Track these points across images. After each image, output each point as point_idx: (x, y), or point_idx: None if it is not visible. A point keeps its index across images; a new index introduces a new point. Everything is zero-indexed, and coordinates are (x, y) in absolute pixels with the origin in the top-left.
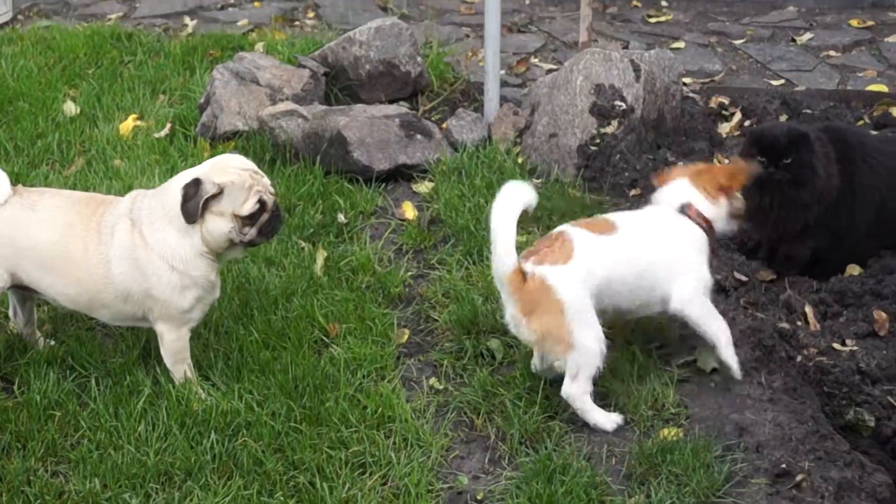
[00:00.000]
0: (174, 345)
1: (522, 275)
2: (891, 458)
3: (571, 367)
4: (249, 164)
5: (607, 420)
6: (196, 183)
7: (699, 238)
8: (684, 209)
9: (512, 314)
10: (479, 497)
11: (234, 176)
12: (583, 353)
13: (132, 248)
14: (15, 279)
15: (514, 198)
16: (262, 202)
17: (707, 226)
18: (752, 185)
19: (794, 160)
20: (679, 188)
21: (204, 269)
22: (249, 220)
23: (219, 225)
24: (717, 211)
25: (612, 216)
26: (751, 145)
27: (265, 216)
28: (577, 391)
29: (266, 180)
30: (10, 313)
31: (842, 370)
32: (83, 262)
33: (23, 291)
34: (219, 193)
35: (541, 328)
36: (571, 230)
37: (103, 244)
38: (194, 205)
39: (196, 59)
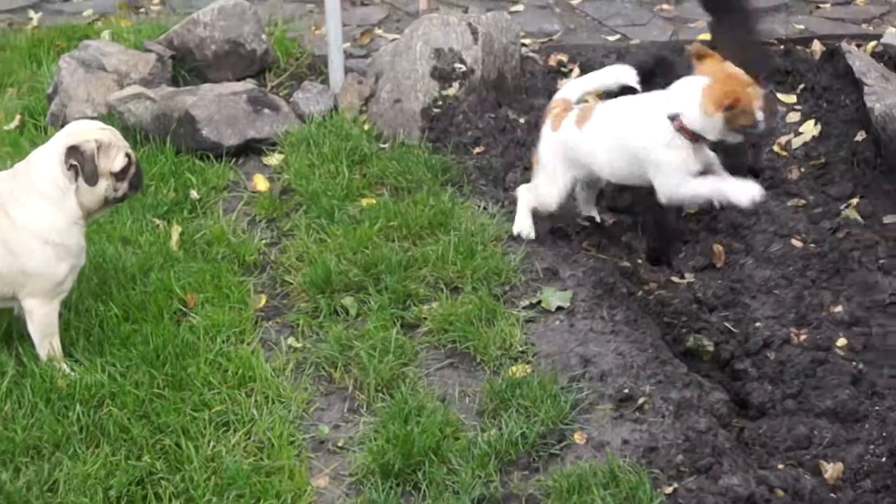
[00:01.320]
0: (45, 319)
1: None
2: (730, 378)
3: None
4: (99, 123)
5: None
6: (75, 148)
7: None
8: (672, 119)
9: None
10: (340, 444)
11: (100, 135)
12: None
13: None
14: None
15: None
16: (128, 156)
17: (692, 138)
18: None
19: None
20: (682, 94)
21: (77, 236)
22: (121, 174)
23: (100, 183)
24: (711, 125)
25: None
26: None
27: (132, 169)
28: None
29: (119, 135)
30: None
31: (681, 301)
32: None
33: None
34: (99, 150)
35: None
36: None
37: None
38: (91, 166)
39: (42, 51)
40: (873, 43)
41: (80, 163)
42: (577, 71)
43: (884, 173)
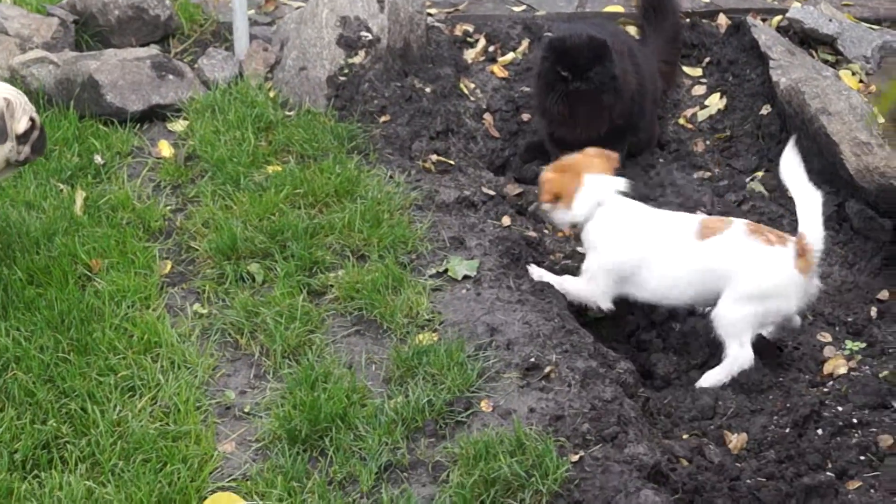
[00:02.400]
0: None
1: None
2: (635, 349)
3: None
4: (7, 86)
5: None
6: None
7: None
8: None
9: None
10: (246, 409)
11: (7, 93)
12: None
13: None
14: None
15: None
16: (32, 120)
17: None
18: (557, 97)
19: (598, 71)
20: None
21: None
22: (24, 137)
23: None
24: None
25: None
26: (554, 60)
27: (36, 133)
28: None
29: (26, 98)
30: None
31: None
32: None
33: None
34: (5, 109)
35: None
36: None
37: None
38: (1, 123)
39: None
40: (779, 17)
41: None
42: (482, 41)
43: None
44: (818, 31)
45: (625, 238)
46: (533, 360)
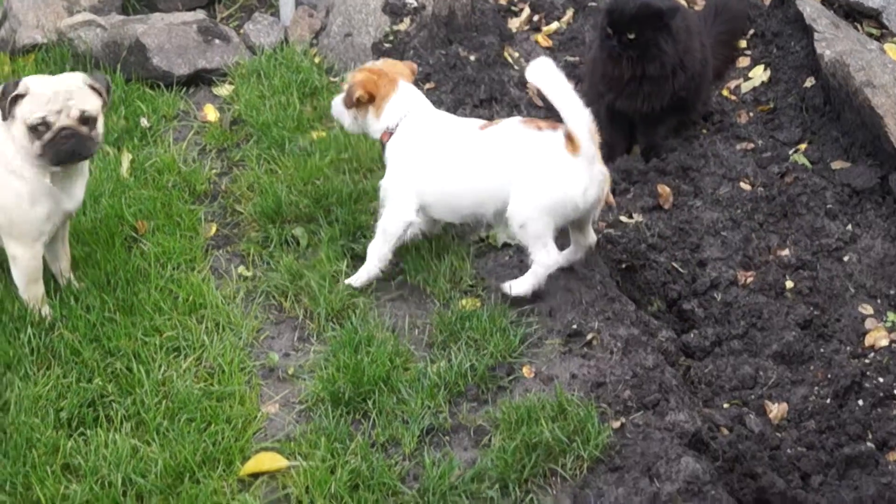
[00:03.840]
0: (29, 263)
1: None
2: (677, 318)
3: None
4: (71, 85)
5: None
6: (13, 84)
7: None
8: None
9: (602, 169)
10: (290, 371)
11: (42, 87)
12: None
13: None
14: None
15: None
16: (45, 120)
17: None
18: (607, 57)
19: (638, 36)
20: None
21: (35, 171)
22: (34, 131)
23: (18, 129)
24: None
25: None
26: (604, 17)
27: (48, 135)
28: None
29: (73, 105)
30: None
31: (629, 240)
32: None
33: None
34: (23, 96)
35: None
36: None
37: None
38: (3, 103)
39: None
40: None
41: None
42: (527, 10)
43: (832, 120)
44: (863, 5)
45: (422, 149)
46: (575, 326)
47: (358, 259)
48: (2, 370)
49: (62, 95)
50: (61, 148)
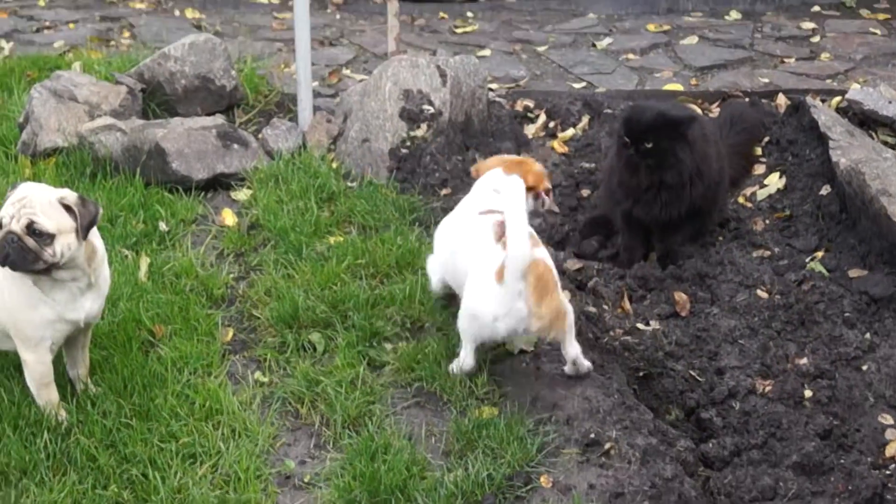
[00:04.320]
0: (35, 368)
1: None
2: (695, 427)
3: (570, 330)
4: (42, 196)
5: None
6: (11, 187)
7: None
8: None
9: (527, 305)
10: (306, 479)
11: (20, 192)
12: (570, 312)
13: None
14: None
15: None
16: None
17: None
18: (624, 165)
19: (655, 146)
20: (497, 176)
21: (23, 278)
22: None
23: None
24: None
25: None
26: (621, 125)
27: None
28: (579, 347)
29: (27, 214)
30: None
31: (646, 348)
32: None
33: None
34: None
35: (550, 312)
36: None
37: None
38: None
39: (14, 81)
40: (838, 98)
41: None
42: (543, 116)
43: (849, 228)
44: (878, 113)
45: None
46: (593, 435)
47: (374, 366)
48: (17, 476)
49: (24, 202)
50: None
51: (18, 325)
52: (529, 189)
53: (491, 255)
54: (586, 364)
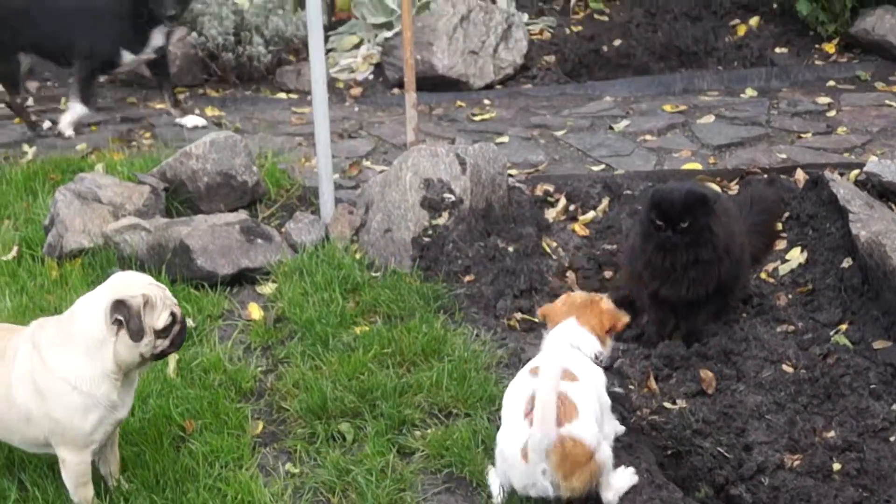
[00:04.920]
0: (77, 468)
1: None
2: (724, 503)
3: (604, 481)
4: (148, 278)
5: (631, 478)
6: (121, 303)
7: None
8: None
9: (551, 483)
10: None
11: (146, 289)
12: (606, 464)
13: (31, 372)
14: None
15: (558, 371)
16: (173, 314)
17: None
18: (655, 247)
19: (692, 223)
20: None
21: (106, 389)
22: (164, 332)
23: (123, 342)
24: (605, 351)
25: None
26: (650, 209)
27: (177, 327)
28: (613, 491)
29: (168, 292)
30: None
31: (674, 426)
32: None
33: None
34: (144, 306)
35: (582, 483)
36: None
37: (5, 367)
38: (136, 321)
39: (38, 184)
40: (856, 171)
41: (126, 318)
42: (563, 200)
43: (871, 299)
44: None
45: None
46: None
47: (404, 453)
48: None
49: (158, 290)
50: (184, 334)
51: (68, 432)
52: (608, 331)
53: (518, 431)
54: None
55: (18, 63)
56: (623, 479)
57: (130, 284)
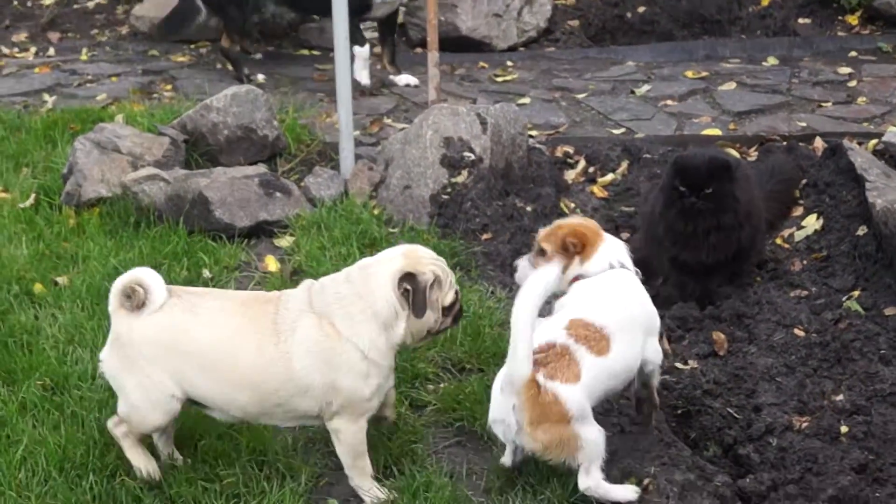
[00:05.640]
0: (353, 438)
1: (536, 385)
2: (733, 463)
3: (583, 464)
4: (434, 255)
5: (627, 492)
6: (412, 276)
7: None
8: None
9: (517, 420)
10: None
11: (435, 266)
12: (590, 448)
13: (320, 342)
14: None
15: (537, 292)
16: (456, 293)
17: None
18: (678, 213)
19: (715, 190)
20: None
21: (391, 359)
22: (448, 309)
23: (427, 315)
24: None
25: (594, 313)
26: (674, 175)
27: (457, 305)
28: (594, 482)
29: (448, 269)
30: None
31: (685, 386)
32: (257, 363)
33: None
34: (433, 284)
35: (548, 439)
36: (576, 348)
37: (283, 342)
38: (422, 298)
39: (57, 133)
40: (874, 141)
41: (413, 291)
42: (582, 162)
43: (885, 267)
44: None
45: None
46: (631, 471)
47: (416, 406)
48: None
49: (444, 269)
50: (461, 314)
51: (352, 401)
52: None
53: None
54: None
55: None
56: (620, 492)
57: (419, 258)
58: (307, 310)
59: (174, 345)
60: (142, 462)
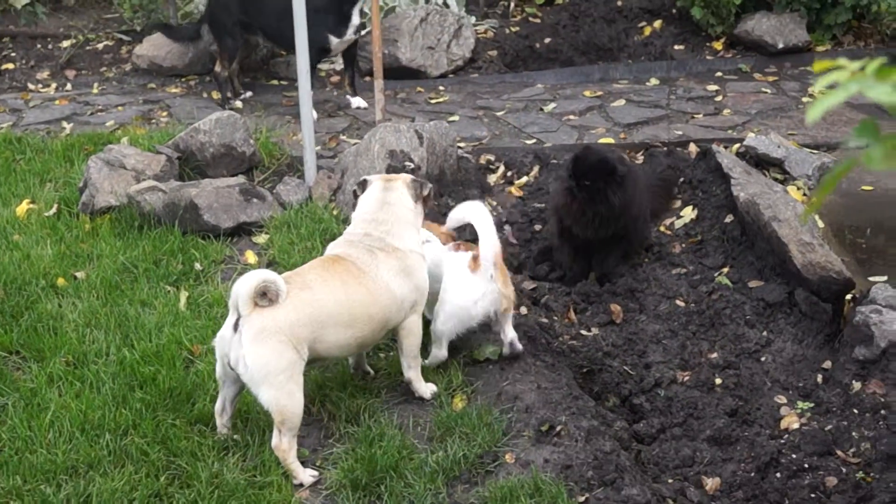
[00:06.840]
0: (419, 328)
1: None
2: (629, 411)
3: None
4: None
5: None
6: (414, 181)
7: None
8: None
9: (497, 288)
10: (317, 463)
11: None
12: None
13: (397, 263)
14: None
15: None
16: (429, 187)
17: None
18: (564, 191)
19: (592, 183)
20: None
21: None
22: (427, 198)
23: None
24: None
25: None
26: (567, 165)
27: (431, 194)
28: (514, 331)
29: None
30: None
31: (588, 349)
32: (370, 300)
33: None
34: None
35: (511, 292)
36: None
37: (379, 278)
38: (429, 189)
39: (74, 154)
40: (737, 145)
41: (421, 186)
42: (502, 168)
43: (748, 248)
44: (769, 156)
45: None
46: (547, 420)
47: (372, 370)
48: (85, 469)
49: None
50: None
51: (423, 294)
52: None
53: (458, 258)
54: (519, 347)
55: (243, 42)
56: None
57: (401, 176)
58: (368, 250)
59: (315, 315)
60: (305, 476)
